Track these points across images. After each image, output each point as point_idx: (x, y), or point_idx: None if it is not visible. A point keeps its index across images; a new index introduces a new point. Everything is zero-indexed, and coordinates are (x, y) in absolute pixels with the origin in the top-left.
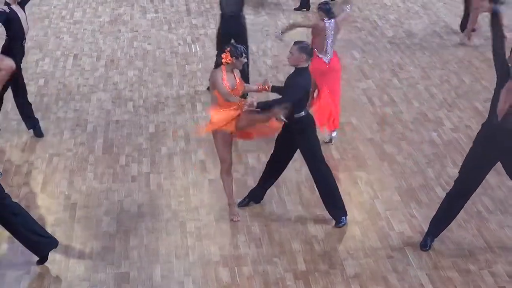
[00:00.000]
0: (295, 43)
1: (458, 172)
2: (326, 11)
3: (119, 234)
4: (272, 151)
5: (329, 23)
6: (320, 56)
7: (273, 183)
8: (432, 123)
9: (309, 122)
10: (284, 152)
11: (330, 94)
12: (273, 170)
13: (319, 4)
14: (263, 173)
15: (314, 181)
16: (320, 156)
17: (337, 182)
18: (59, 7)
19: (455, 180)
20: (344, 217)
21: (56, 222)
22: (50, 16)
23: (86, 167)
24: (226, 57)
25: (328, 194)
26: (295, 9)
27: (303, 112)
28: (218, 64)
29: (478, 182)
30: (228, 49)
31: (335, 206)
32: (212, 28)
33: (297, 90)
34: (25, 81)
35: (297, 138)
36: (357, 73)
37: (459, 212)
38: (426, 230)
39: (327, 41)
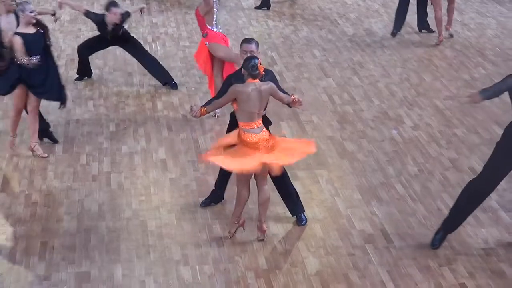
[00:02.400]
0: (249, 41)
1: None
2: None
3: (80, 233)
4: None
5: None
6: (215, 30)
7: (225, 185)
8: (393, 121)
9: (265, 122)
10: None
11: None
12: (225, 173)
13: None
14: (217, 176)
15: (273, 183)
16: None
17: (298, 180)
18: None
19: (479, 175)
20: (303, 214)
21: (17, 222)
22: None
23: (47, 167)
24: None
25: (288, 195)
26: (256, 8)
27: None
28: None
29: (502, 178)
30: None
31: (294, 205)
32: (173, 26)
33: None
34: None
35: None
36: (318, 72)
37: (477, 207)
38: (386, 227)
39: (215, 16)
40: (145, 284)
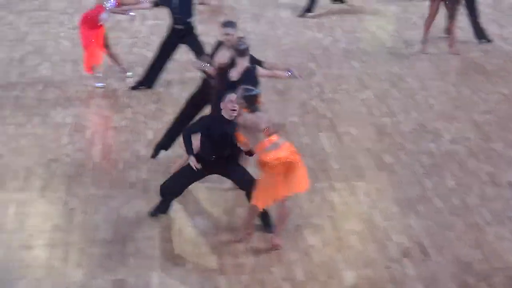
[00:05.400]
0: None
1: None
2: None
3: (117, 240)
4: None
5: None
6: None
7: None
8: (430, 134)
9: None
10: None
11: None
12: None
13: None
14: None
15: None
16: None
17: (335, 192)
18: (58, 12)
19: None
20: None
21: (53, 228)
22: (49, 21)
23: (84, 173)
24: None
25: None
26: (299, 16)
27: None
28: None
29: None
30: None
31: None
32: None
33: None
34: (23, 85)
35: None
36: (356, 83)
37: None
38: (423, 241)
39: None
40: None
